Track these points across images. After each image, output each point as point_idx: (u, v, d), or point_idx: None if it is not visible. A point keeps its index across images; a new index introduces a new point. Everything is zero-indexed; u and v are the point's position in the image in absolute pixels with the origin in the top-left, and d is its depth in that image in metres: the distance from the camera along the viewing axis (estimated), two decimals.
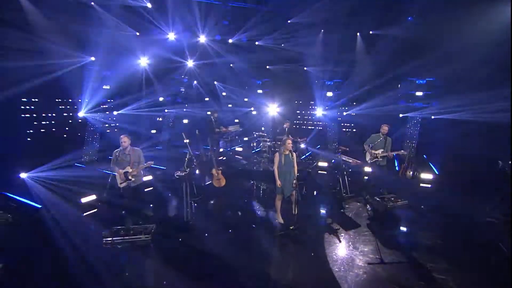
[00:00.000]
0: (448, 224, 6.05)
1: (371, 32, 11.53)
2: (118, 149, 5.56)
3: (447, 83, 9.64)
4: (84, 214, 6.39)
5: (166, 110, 13.82)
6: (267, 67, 14.68)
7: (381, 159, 7.09)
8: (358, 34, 11.83)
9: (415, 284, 4.24)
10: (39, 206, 6.47)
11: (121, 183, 5.52)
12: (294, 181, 5.75)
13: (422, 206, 6.98)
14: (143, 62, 12.00)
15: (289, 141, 5.78)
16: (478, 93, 8.50)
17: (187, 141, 7.53)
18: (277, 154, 5.85)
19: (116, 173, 5.53)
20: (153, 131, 13.01)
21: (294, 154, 5.88)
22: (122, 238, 5.30)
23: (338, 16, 10.89)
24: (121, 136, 5.50)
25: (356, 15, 10.68)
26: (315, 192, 7.91)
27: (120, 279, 4.39)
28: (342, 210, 6.71)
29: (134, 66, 11.82)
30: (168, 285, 4.30)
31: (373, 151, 7.11)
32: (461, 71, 8.70)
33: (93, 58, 10.51)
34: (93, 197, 6.72)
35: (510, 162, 6.51)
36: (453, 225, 6.03)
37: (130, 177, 5.47)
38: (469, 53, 8.55)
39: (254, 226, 6.05)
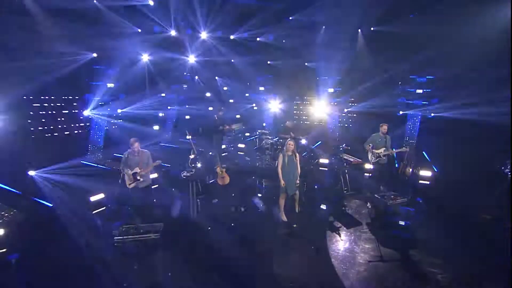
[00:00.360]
0: (447, 221, 6.24)
1: (372, 29, 11.59)
2: (128, 150, 5.74)
3: (447, 81, 9.75)
4: (93, 212, 6.59)
5: (168, 107, 13.92)
6: (268, 62, 14.74)
7: (383, 158, 7.29)
8: (359, 30, 11.88)
9: (414, 281, 4.45)
10: (50, 205, 6.66)
11: (130, 184, 5.71)
12: (297, 181, 5.99)
13: (420, 201, 7.20)
14: (145, 58, 12.06)
15: (291, 143, 6.00)
16: (478, 92, 8.62)
17: (190, 137, 7.69)
18: (280, 155, 6.06)
19: (125, 174, 5.72)
20: (156, 128, 13.12)
21: (297, 155, 6.08)
22: (132, 236, 5.51)
23: (340, 13, 10.92)
24: (132, 141, 5.68)
25: (358, 11, 10.72)
26: (316, 190, 8.09)
27: (133, 276, 4.61)
28: (343, 208, 6.92)
29: (137, 63, 11.88)
30: (176, 281, 4.51)
31: (375, 151, 7.28)
32: (461, 70, 8.81)
33: (95, 55, 10.56)
34: (101, 195, 6.90)
35: (509, 162, 6.66)
36: (451, 222, 6.22)
37: (138, 177, 5.66)
38: (469, 51, 8.65)
39: (258, 224, 6.25)
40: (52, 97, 10.24)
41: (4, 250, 5.12)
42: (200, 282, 4.51)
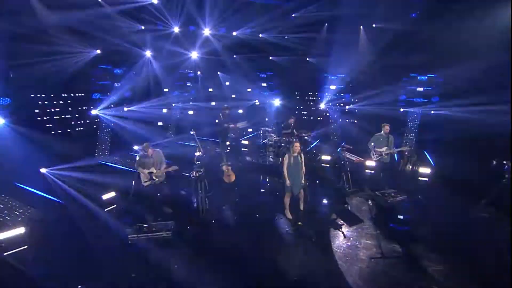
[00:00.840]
0: (446, 218, 6.48)
1: (374, 25, 11.65)
2: (140, 152, 6.00)
3: (447, 80, 9.92)
4: (105, 210, 6.84)
5: (173, 104, 14.06)
6: (270, 57, 14.83)
7: (385, 157, 7.53)
8: (361, 27, 11.96)
9: (414, 277, 4.70)
10: (63, 202, 6.91)
11: (145, 182, 6.00)
12: (302, 181, 6.25)
13: (420, 197, 7.47)
14: (148, 54, 12.15)
15: (297, 144, 6.22)
16: (477, 91, 8.80)
17: (193, 132, 7.88)
18: (286, 155, 6.30)
19: (140, 173, 5.99)
20: (160, 123, 13.31)
21: (303, 156, 6.31)
22: (145, 235, 5.77)
23: (342, 10, 10.99)
24: (145, 146, 5.93)
25: (360, 8, 10.79)
26: (319, 187, 8.32)
27: (147, 272, 4.86)
28: (345, 205, 7.17)
29: (140, 61, 11.98)
30: (185, 277, 4.76)
31: (377, 149, 7.51)
32: (462, 69, 8.95)
33: (99, 51, 10.65)
34: (112, 193, 7.14)
35: (508, 162, 6.89)
36: (451, 219, 6.44)
37: (154, 177, 5.96)
38: (470, 50, 8.79)
39: (265, 222, 6.49)
40: (59, 96, 10.41)
41: (26, 246, 5.39)
42: (208, 279, 4.68)
